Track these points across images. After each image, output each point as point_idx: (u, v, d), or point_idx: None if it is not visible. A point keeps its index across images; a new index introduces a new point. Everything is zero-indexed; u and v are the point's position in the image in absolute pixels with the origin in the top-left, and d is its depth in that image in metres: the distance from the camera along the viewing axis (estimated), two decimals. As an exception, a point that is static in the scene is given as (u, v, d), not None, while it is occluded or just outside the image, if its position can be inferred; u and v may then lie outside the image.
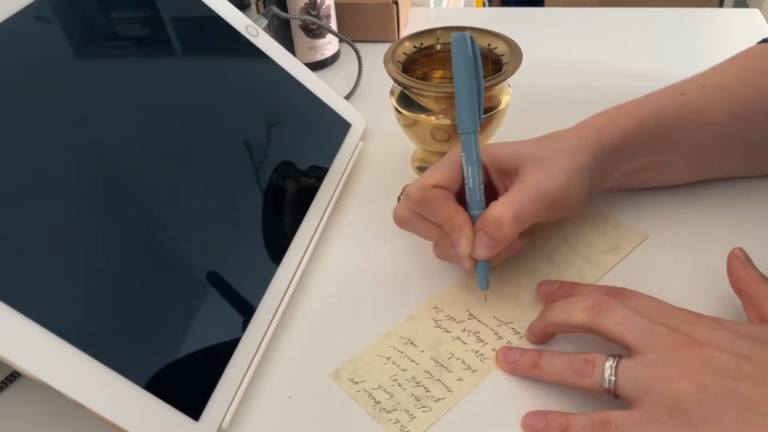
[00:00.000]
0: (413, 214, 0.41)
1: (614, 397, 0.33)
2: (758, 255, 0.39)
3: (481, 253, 0.39)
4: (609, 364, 0.33)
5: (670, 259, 0.44)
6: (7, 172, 0.35)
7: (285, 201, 0.48)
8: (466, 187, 0.40)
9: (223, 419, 0.36)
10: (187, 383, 0.36)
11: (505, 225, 0.38)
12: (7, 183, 0.35)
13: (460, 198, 0.41)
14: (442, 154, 0.53)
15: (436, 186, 0.39)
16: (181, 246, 0.41)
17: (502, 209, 0.38)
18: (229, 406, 0.37)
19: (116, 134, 0.41)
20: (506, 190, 0.41)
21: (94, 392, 0.32)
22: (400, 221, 0.42)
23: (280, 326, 0.42)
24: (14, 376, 0.40)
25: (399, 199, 0.49)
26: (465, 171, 0.40)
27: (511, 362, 0.38)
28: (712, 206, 0.48)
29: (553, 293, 0.41)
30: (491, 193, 0.41)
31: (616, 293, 0.38)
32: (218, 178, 0.45)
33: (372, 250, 0.48)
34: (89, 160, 0.39)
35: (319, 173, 0.52)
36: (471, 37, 0.39)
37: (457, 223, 0.39)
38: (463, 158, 0.40)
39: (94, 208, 0.38)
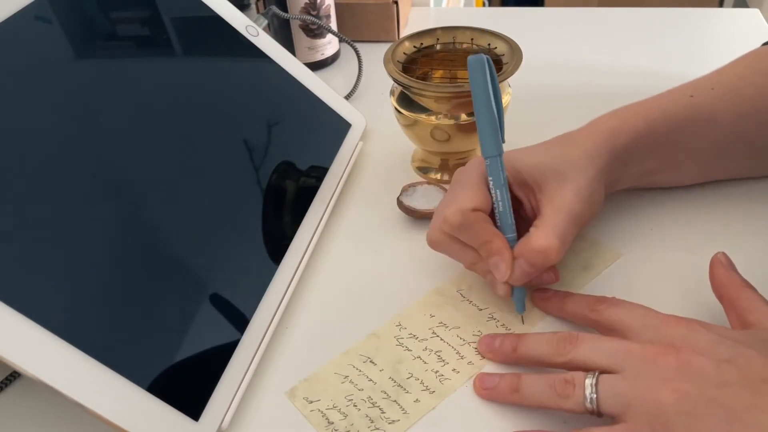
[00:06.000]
0: (449, 238, 0.40)
1: (598, 416, 0.32)
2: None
3: (520, 280, 0.39)
4: (589, 381, 0.32)
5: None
6: (7, 171, 0.35)
7: (285, 201, 0.48)
8: (496, 210, 0.40)
9: (223, 419, 0.36)
10: (187, 383, 0.36)
11: (553, 254, 0.37)
12: (8, 183, 0.35)
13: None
14: (443, 154, 0.53)
15: (475, 210, 0.39)
16: (182, 246, 0.41)
17: (548, 239, 0.37)
18: (229, 406, 0.37)
19: (116, 134, 0.41)
20: (528, 201, 0.41)
21: (94, 392, 0.32)
22: (435, 244, 0.41)
23: (280, 326, 0.42)
24: (14, 376, 0.40)
25: (398, 199, 0.49)
26: (494, 194, 0.39)
27: (489, 389, 0.37)
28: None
29: (547, 299, 0.41)
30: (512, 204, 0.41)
31: (602, 302, 0.37)
32: (218, 178, 0.45)
33: (371, 252, 0.48)
34: (89, 160, 0.39)
35: (319, 173, 0.52)
36: (488, 58, 0.39)
37: (497, 248, 0.38)
38: (491, 182, 0.39)
39: (94, 208, 0.38)
